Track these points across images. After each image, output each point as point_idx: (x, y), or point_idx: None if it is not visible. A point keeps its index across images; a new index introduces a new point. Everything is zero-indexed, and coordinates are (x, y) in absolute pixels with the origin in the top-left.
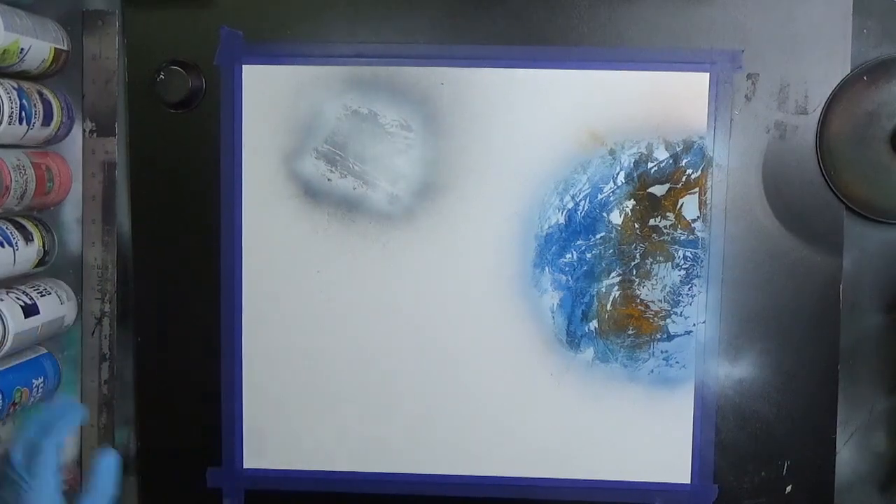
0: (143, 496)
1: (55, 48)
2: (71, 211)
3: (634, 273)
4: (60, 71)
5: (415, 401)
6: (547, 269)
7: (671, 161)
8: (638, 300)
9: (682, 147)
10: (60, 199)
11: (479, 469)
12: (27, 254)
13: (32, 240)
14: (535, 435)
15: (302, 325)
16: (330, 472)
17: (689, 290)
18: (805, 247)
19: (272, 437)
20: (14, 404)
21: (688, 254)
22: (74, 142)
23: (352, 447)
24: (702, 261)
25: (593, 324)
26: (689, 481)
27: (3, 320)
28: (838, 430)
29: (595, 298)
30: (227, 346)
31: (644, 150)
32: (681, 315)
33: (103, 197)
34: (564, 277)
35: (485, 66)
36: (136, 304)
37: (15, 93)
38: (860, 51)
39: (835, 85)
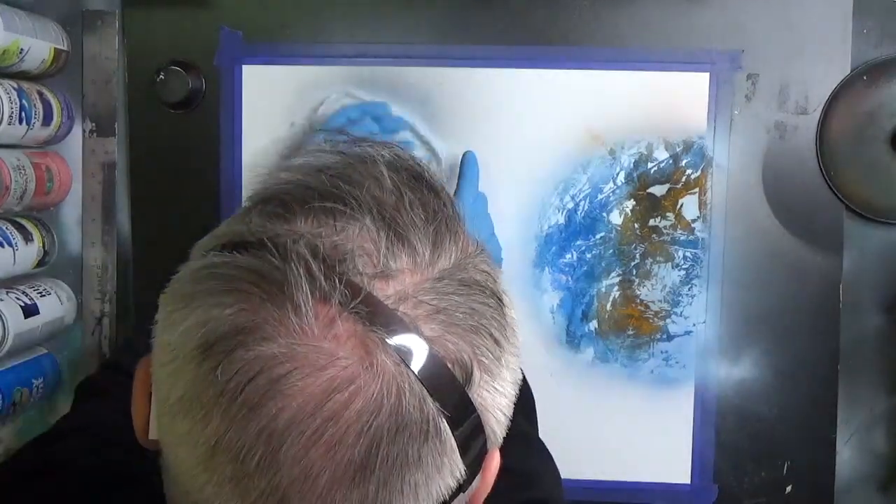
0: None
1: (55, 48)
2: (71, 211)
3: (634, 273)
4: (60, 71)
5: None
6: (547, 269)
7: (671, 161)
8: (638, 300)
9: (682, 147)
10: (60, 199)
11: None
12: (27, 254)
13: (32, 240)
14: None
15: None
16: None
17: (689, 290)
18: (805, 247)
19: None
20: (14, 405)
21: (688, 254)
22: (74, 142)
23: None
24: (702, 261)
25: (593, 324)
26: (689, 481)
27: (3, 320)
28: (838, 430)
29: (595, 298)
30: None
31: (644, 151)
32: (681, 315)
33: (103, 197)
34: (564, 277)
35: (485, 66)
36: (136, 304)
37: (15, 93)
38: (860, 51)
39: (835, 85)
